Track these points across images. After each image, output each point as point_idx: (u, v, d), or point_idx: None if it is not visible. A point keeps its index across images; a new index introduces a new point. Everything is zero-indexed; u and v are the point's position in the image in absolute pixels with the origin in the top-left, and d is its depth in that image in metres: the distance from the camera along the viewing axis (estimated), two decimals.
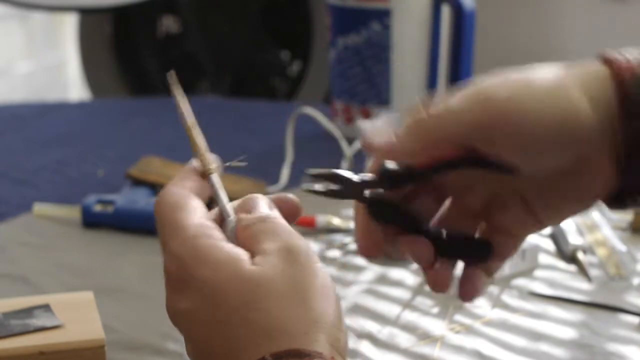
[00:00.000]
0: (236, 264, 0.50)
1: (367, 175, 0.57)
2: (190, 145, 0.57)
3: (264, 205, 0.54)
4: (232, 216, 0.54)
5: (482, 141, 0.54)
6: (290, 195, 0.56)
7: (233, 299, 0.49)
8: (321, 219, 1.01)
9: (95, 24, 2.61)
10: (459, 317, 0.84)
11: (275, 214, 0.54)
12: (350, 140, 1.24)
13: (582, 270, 0.92)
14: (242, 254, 0.51)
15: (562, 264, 0.95)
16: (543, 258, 0.95)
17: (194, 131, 0.57)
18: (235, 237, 0.53)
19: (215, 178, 0.56)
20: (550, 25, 2.44)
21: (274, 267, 0.50)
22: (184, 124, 0.57)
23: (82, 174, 1.20)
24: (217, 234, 0.52)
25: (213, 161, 0.56)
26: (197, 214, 0.53)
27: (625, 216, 1.02)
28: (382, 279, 0.91)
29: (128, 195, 1.05)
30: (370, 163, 0.58)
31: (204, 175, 0.56)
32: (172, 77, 0.57)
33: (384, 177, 0.56)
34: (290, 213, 0.55)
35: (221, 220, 0.54)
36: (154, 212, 0.54)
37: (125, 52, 2.64)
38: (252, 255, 0.51)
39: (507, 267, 0.92)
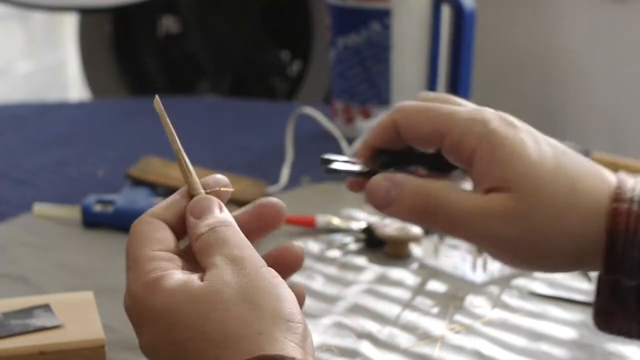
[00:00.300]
0: (186, 286, 0.52)
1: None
2: (179, 168, 0.58)
3: (214, 209, 0.56)
4: None
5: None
6: (295, 246, 0.58)
7: (188, 317, 0.50)
8: (321, 219, 1.01)
9: (95, 24, 2.61)
10: (459, 317, 0.84)
11: (226, 218, 0.56)
12: (350, 140, 1.24)
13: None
14: (191, 276, 0.53)
15: None
16: None
17: (181, 154, 0.58)
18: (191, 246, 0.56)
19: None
20: (550, 25, 2.44)
21: (221, 279, 0.52)
22: (173, 147, 0.58)
23: (82, 174, 1.20)
24: (170, 265, 0.54)
25: (200, 184, 0.58)
26: (158, 247, 0.55)
27: None
28: (382, 279, 0.91)
29: (128, 195, 1.05)
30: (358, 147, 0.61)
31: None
32: (157, 103, 0.58)
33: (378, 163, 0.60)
34: (293, 262, 0.57)
35: None
36: None
37: (125, 52, 2.64)
38: (204, 269, 0.53)
39: (507, 267, 0.92)
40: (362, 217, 1.05)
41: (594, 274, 0.91)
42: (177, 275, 0.53)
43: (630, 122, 2.36)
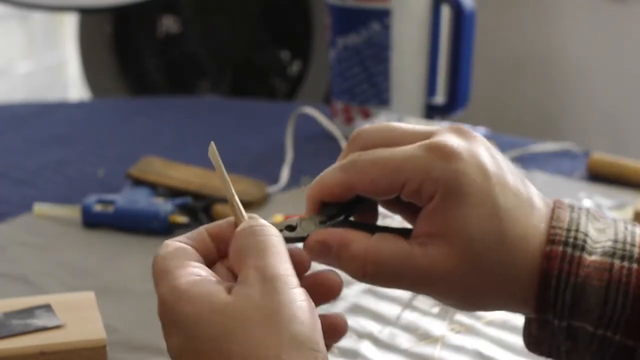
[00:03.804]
0: (211, 298, 0.52)
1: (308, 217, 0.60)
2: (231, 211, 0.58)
3: (257, 217, 0.56)
4: None
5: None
6: (331, 274, 0.57)
7: (210, 331, 0.51)
8: None
9: (95, 24, 2.61)
10: (459, 317, 0.84)
11: (270, 225, 0.56)
12: None
13: None
14: (219, 287, 0.53)
15: None
16: None
17: (234, 200, 0.58)
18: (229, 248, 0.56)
19: None
20: (550, 25, 2.44)
21: (249, 297, 0.52)
22: (228, 193, 0.58)
23: (82, 174, 1.20)
24: (201, 272, 0.54)
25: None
26: (185, 259, 0.55)
27: (625, 213, 1.02)
28: None
29: (128, 195, 1.05)
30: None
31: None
32: (212, 150, 0.58)
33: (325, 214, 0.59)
34: (328, 292, 0.57)
35: None
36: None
37: (125, 52, 2.64)
38: (235, 275, 0.54)
39: None
40: None
41: None
42: (205, 282, 0.53)
43: (630, 122, 2.36)
